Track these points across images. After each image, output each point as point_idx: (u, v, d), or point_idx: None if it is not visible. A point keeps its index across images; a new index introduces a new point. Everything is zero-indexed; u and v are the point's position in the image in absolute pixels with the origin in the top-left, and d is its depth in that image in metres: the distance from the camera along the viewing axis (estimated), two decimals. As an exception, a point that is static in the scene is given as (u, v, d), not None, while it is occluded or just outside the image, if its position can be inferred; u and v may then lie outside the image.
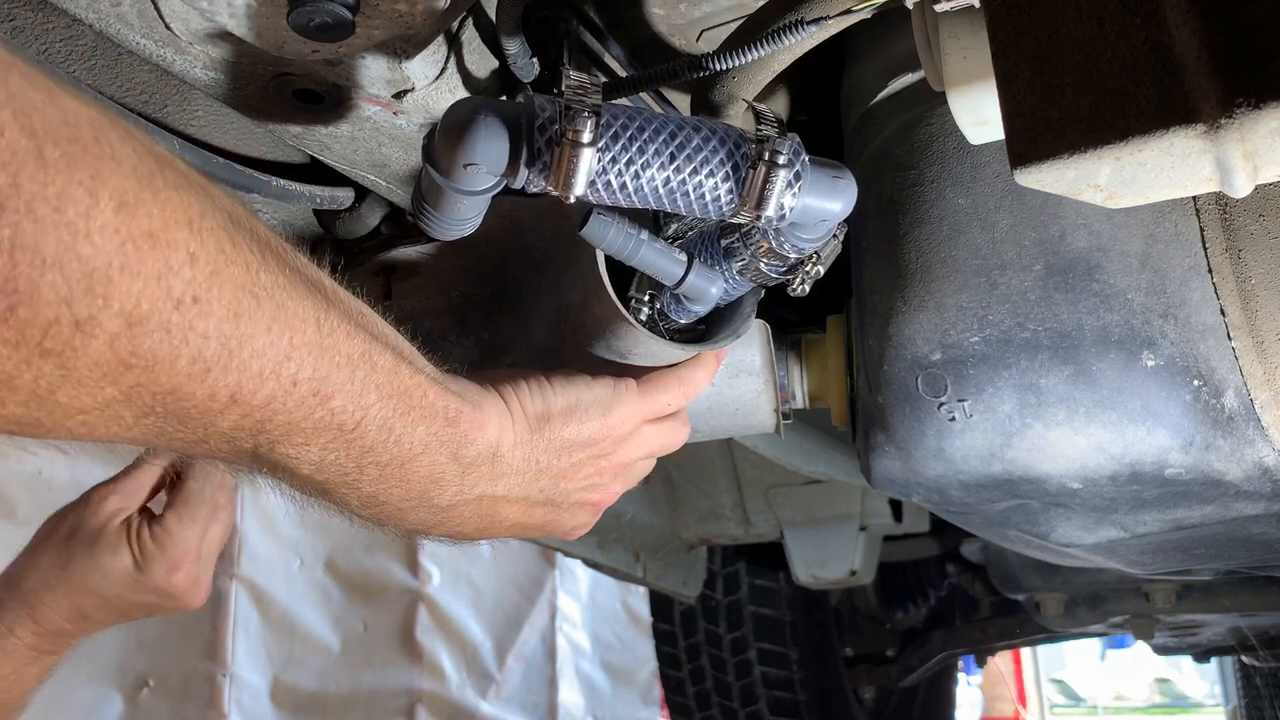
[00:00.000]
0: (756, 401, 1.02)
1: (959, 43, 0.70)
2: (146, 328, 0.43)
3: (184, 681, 3.10)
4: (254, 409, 0.49)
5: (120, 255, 0.41)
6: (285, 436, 0.53)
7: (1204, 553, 1.12)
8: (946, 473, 0.92)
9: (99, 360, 0.42)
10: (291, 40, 0.68)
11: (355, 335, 0.54)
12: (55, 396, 0.42)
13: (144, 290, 0.42)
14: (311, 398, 0.52)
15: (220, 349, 0.46)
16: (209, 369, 0.46)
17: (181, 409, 0.47)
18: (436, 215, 0.68)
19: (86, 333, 0.41)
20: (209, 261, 0.45)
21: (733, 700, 2.51)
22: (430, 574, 3.92)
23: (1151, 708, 10.32)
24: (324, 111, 0.80)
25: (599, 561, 2.05)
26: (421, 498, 0.63)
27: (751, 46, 0.70)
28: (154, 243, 0.42)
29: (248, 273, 0.47)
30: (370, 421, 0.56)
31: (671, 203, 0.63)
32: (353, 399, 0.54)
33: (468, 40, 0.79)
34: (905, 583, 2.97)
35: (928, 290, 0.88)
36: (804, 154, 0.63)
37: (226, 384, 0.47)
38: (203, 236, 0.44)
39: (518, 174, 0.61)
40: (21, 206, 0.37)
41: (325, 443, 0.55)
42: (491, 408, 0.66)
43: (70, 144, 0.39)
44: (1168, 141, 0.52)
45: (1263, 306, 0.79)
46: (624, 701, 4.81)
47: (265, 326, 0.48)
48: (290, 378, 0.50)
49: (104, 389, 0.43)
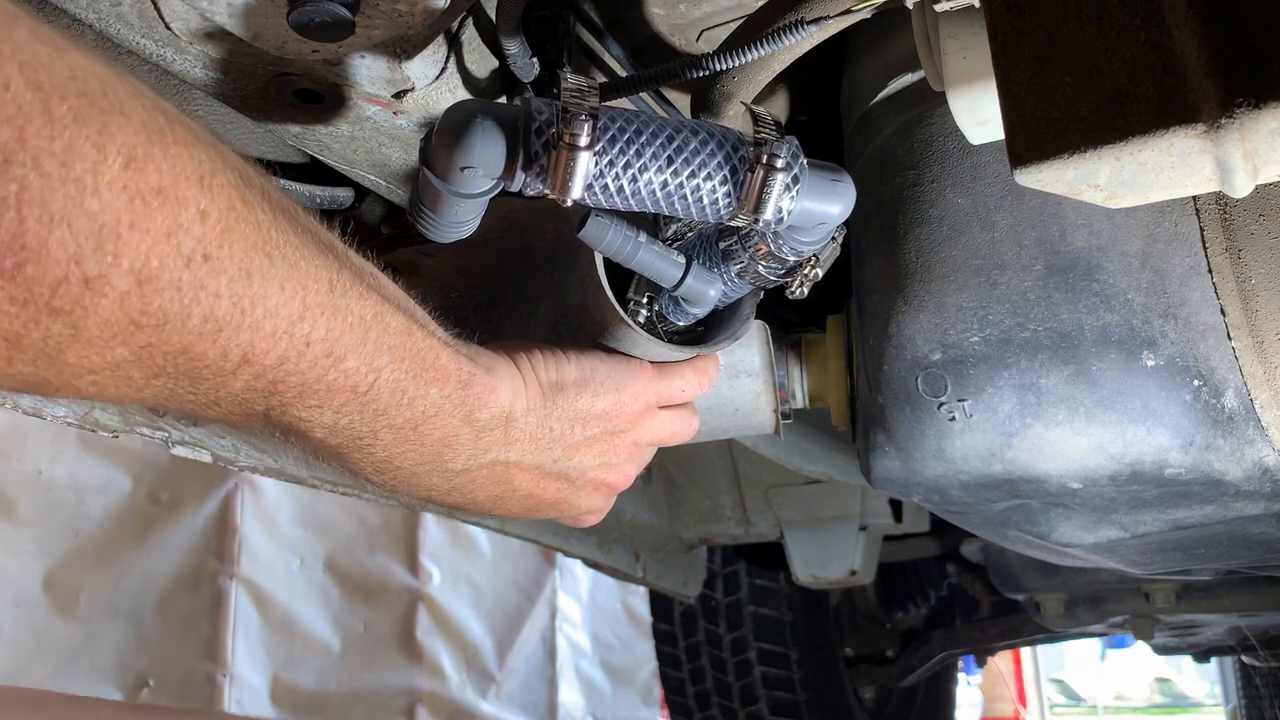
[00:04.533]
0: (756, 402, 1.02)
1: (959, 43, 0.70)
2: (157, 286, 0.42)
3: (184, 681, 3.09)
4: (266, 369, 0.49)
5: (129, 211, 0.40)
6: (298, 399, 0.52)
7: (1204, 553, 1.12)
8: (946, 473, 0.92)
9: (109, 319, 0.42)
10: (291, 40, 0.68)
11: (367, 296, 0.54)
12: (64, 356, 0.42)
13: (153, 247, 0.41)
14: (325, 359, 0.51)
15: (232, 308, 0.45)
16: (221, 328, 0.45)
17: (193, 369, 0.46)
18: (434, 218, 0.68)
19: (96, 291, 0.40)
20: (220, 218, 0.44)
21: (733, 700, 2.51)
22: (430, 574, 3.91)
23: (1151, 708, 10.32)
24: (324, 111, 0.80)
25: (599, 561, 2.05)
26: (435, 462, 0.63)
27: (751, 46, 0.70)
28: (163, 199, 0.41)
29: (260, 231, 0.46)
30: (383, 384, 0.56)
31: (669, 206, 0.63)
32: (366, 360, 0.54)
33: (468, 40, 0.79)
34: (905, 583, 2.97)
35: (928, 290, 0.88)
36: (802, 157, 0.62)
37: (239, 344, 0.47)
38: (214, 193, 0.44)
39: (515, 177, 0.61)
40: (28, 161, 0.37)
41: (338, 405, 0.54)
42: (504, 372, 0.66)
43: (78, 98, 0.38)
44: (1168, 141, 0.52)
45: (1263, 306, 0.79)
46: (624, 701, 4.81)
47: (278, 285, 0.47)
48: (303, 338, 0.50)
49: (114, 349, 0.43)
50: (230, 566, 3.29)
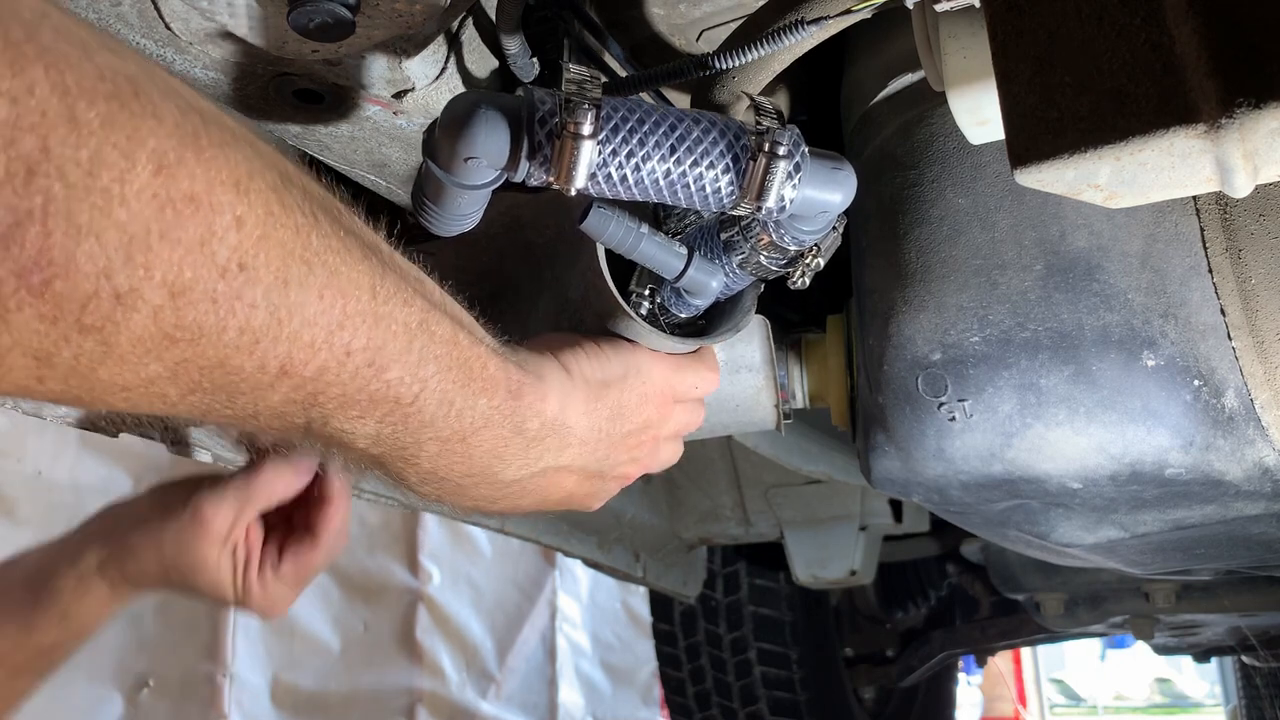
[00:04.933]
0: (757, 398, 1.02)
1: (959, 43, 0.70)
2: (190, 298, 0.40)
3: (184, 681, 3.10)
4: (306, 381, 0.47)
5: (160, 221, 0.38)
6: (340, 410, 0.50)
7: (1204, 553, 1.12)
8: (946, 473, 0.92)
9: (142, 335, 0.40)
10: (291, 40, 0.68)
11: (413, 302, 0.52)
12: (96, 373, 0.40)
13: (186, 258, 0.39)
14: (367, 368, 0.49)
15: (269, 318, 0.43)
16: (258, 340, 0.43)
17: (229, 383, 0.45)
18: (437, 211, 0.68)
19: (128, 305, 0.39)
20: (256, 225, 0.42)
21: (733, 700, 2.51)
22: (430, 574, 3.91)
23: (1151, 708, 10.32)
24: (324, 111, 0.80)
25: (599, 561, 2.05)
26: (485, 473, 0.61)
27: (751, 46, 0.70)
28: (196, 206, 0.39)
29: (298, 236, 0.44)
30: (429, 394, 0.54)
31: (672, 195, 0.63)
32: (410, 370, 0.52)
33: (468, 40, 0.79)
34: (905, 583, 2.97)
35: (928, 290, 0.88)
36: (804, 145, 0.63)
37: (276, 355, 0.45)
38: (250, 198, 0.41)
39: (518, 167, 0.61)
40: (53, 171, 0.35)
41: (381, 415, 0.52)
42: (553, 377, 0.64)
43: (106, 103, 0.36)
44: (1168, 141, 0.52)
45: (1263, 306, 0.79)
46: (624, 701, 4.81)
47: (317, 294, 0.45)
48: (344, 347, 0.48)
49: (148, 365, 0.41)
50: (230, 566, 3.28)
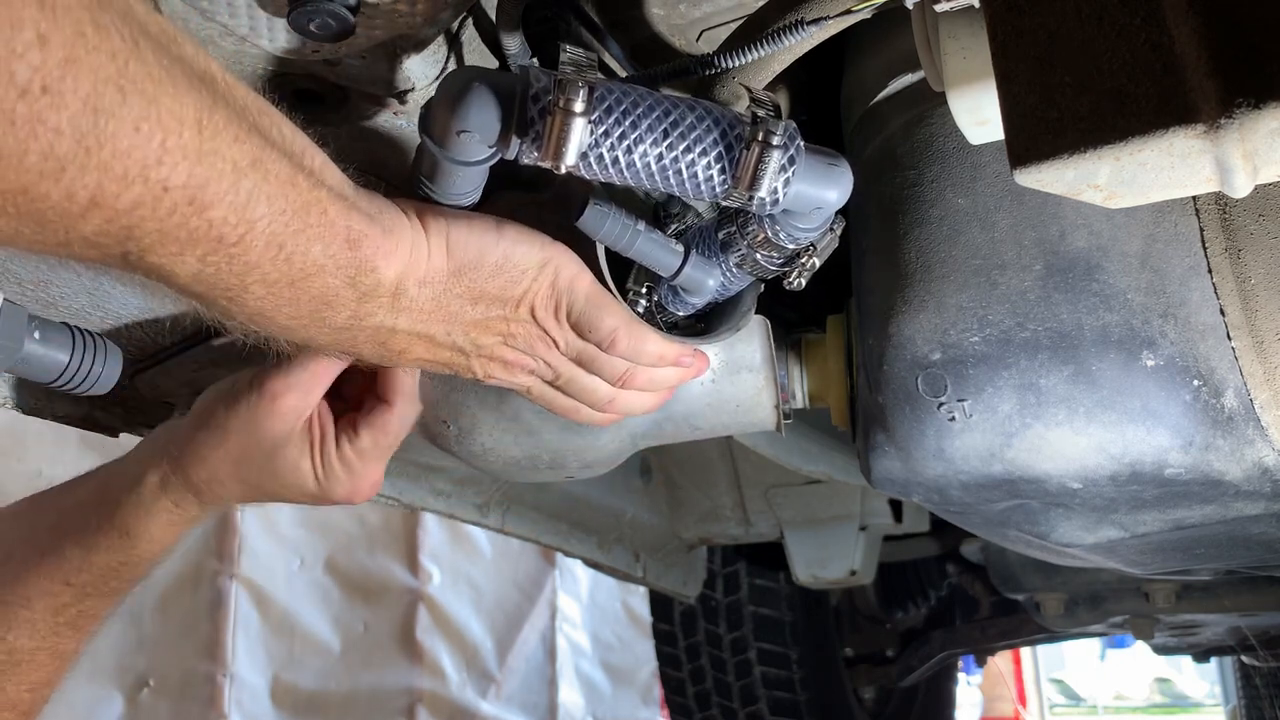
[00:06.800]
0: (757, 398, 1.02)
1: (959, 43, 0.70)
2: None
3: (184, 681, 3.10)
4: (118, 214, 0.45)
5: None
6: (157, 244, 0.48)
7: (1204, 553, 1.12)
8: (946, 473, 0.92)
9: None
10: (291, 40, 0.68)
11: (246, 139, 0.49)
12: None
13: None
14: (186, 206, 0.47)
15: (75, 146, 0.41)
16: (63, 168, 0.41)
17: (36, 210, 0.43)
18: (433, 188, 0.68)
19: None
20: (63, 46, 0.39)
21: (733, 700, 2.51)
22: (430, 574, 3.92)
23: (1151, 708, 10.32)
24: (324, 112, 0.80)
25: (599, 561, 2.05)
26: (313, 317, 0.59)
27: (751, 46, 0.70)
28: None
29: (113, 62, 0.41)
30: (257, 236, 0.51)
31: (664, 180, 0.63)
32: (236, 211, 0.49)
33: (468, 40, 0.79)
34: (905, 583, 2.97)
35: (928, 290, 0.88)
36: (799, 139, 0.63)
37: (85, 185, 0.43)
38: (56, 15, 0.39)
39: (510, 144, 0.61)
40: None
41: (202, 254, 0.50)
42: (405, 237, 0.61)
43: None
44: (1168, 141, 0.52)
45: (1263, 306, 0.79)
46: (624, 701, 4.81)
47: (132, 125, 0.43)
48: (160, 183, 0.45)
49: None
50: (230, 566, 3.29)
